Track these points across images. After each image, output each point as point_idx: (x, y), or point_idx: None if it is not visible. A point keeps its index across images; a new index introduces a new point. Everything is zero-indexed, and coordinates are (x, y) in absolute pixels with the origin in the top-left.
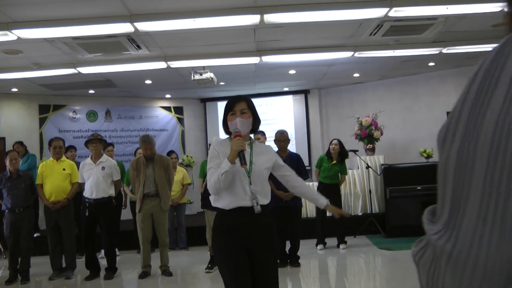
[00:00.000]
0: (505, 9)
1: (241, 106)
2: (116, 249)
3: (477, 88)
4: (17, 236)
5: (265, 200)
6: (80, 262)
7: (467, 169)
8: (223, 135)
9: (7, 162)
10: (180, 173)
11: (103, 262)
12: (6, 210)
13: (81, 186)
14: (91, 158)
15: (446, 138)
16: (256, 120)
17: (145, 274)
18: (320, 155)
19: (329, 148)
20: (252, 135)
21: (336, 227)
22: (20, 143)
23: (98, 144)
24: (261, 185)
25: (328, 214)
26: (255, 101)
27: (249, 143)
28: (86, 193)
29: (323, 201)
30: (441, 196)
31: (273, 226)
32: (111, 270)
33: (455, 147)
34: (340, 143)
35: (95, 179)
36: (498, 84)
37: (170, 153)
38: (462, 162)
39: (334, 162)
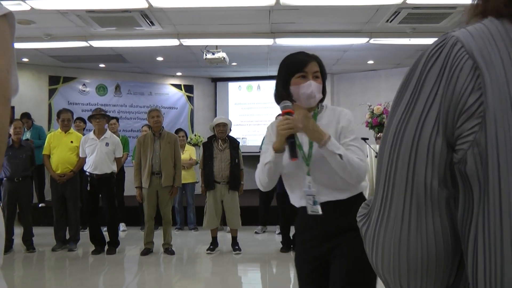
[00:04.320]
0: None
1: (314, 68)
2: (124, 224)
3: (397, 91)
4: (14, 206)
5: (335, 194)
6: (83, 235)
7: (378, 165)
8: (232, 115)
9: (11, 131)
10: (187, 152)
11: (107, 235)
12: (4, 179)
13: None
14: (94, 133)
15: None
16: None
17: (147, 251)
18: None
19: None
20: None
21: None
22: (28, 116)
23: (101, 120)
24: (328, 175)
25: None
26: (267, 83)
27: (312, 114)
28: (88, 168)
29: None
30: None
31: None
32: (113, 245)
33: (381, 144)
34: None
35: (98, 154)
36: (407, 91)
37: (178, 131)
38: (378, 159)
39: None
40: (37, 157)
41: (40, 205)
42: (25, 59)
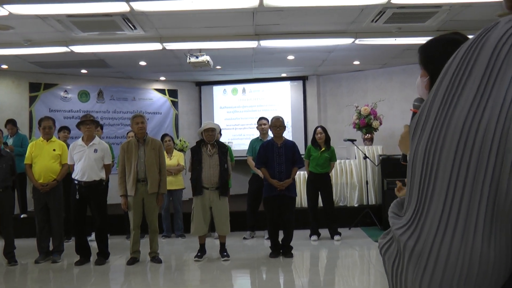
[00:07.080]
0: None
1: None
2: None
3: (448, 81)
4: None
5: None
6: (67, 245)
7: (434, 165)
8: (217, 119)
9: None
10: (175, 158)
11: (93, 245)
12: None
13: (70, 168)
14: (83, 139)
15: (416, 131)
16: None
17: (133, 260)
18: (307, 146)
19: (314, 137)
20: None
21: (328, 218)
22: (13, 123)
23: (91, 126)
24: None
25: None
26: (252, 86)
27: None
28: (77, 175)
29: None
30: (409, 190)
31: None
32: (103, 255)
33: (424, 142)
34: (324, 130)
35: (86, 161)
36: (469, 79)
37: (164, 136)
38: (429, 157)
39: (323, 149)
40: (18, 166)
41: (22, 216)
42: (4, 66)
